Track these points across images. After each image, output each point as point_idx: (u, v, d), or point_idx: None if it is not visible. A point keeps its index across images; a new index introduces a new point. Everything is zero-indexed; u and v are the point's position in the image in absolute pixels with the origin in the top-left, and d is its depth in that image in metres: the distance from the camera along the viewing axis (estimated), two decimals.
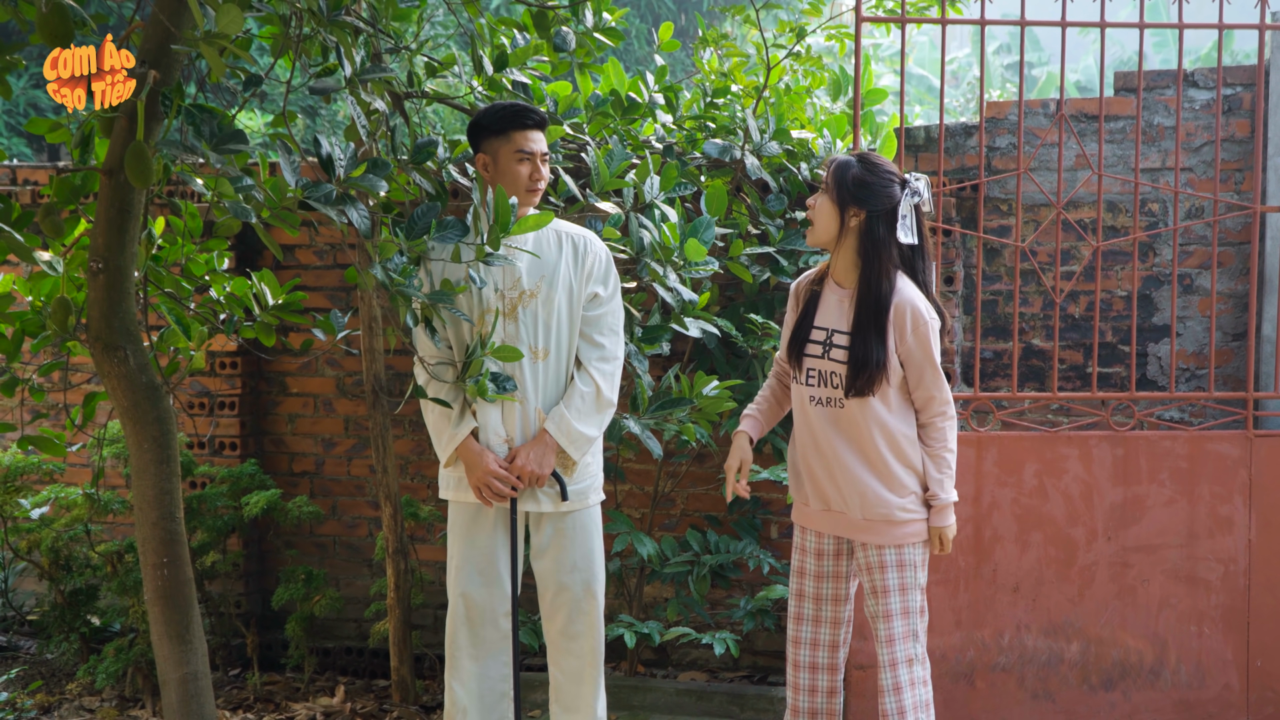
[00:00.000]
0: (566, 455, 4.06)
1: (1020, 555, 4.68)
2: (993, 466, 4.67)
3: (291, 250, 5.95)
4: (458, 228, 3.53)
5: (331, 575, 5.92)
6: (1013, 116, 5.35)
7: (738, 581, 5.46)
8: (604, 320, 4.13)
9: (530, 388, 4.05)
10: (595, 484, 4.20)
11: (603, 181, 4.63)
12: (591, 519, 4.19)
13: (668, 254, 4.30)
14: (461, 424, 4.03)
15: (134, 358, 4.12)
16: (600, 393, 4.07)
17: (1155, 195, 5.24)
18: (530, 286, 4.04)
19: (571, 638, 4.17)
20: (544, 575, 4.17)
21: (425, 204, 3.59)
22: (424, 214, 3.56)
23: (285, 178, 3.45)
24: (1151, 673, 4.70)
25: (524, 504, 4.09)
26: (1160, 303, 5.27)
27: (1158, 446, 4.68)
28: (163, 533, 4.14)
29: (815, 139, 5.18)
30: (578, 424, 4.04)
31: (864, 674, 4.66)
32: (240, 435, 5.91)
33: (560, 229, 4.13)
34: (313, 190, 3.46)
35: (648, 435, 4.48)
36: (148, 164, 3.84)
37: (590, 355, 4.10)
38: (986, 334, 5.34)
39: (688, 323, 4.52)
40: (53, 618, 5.52)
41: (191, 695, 4.14)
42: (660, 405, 4.40)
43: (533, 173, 3.99)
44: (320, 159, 3.49)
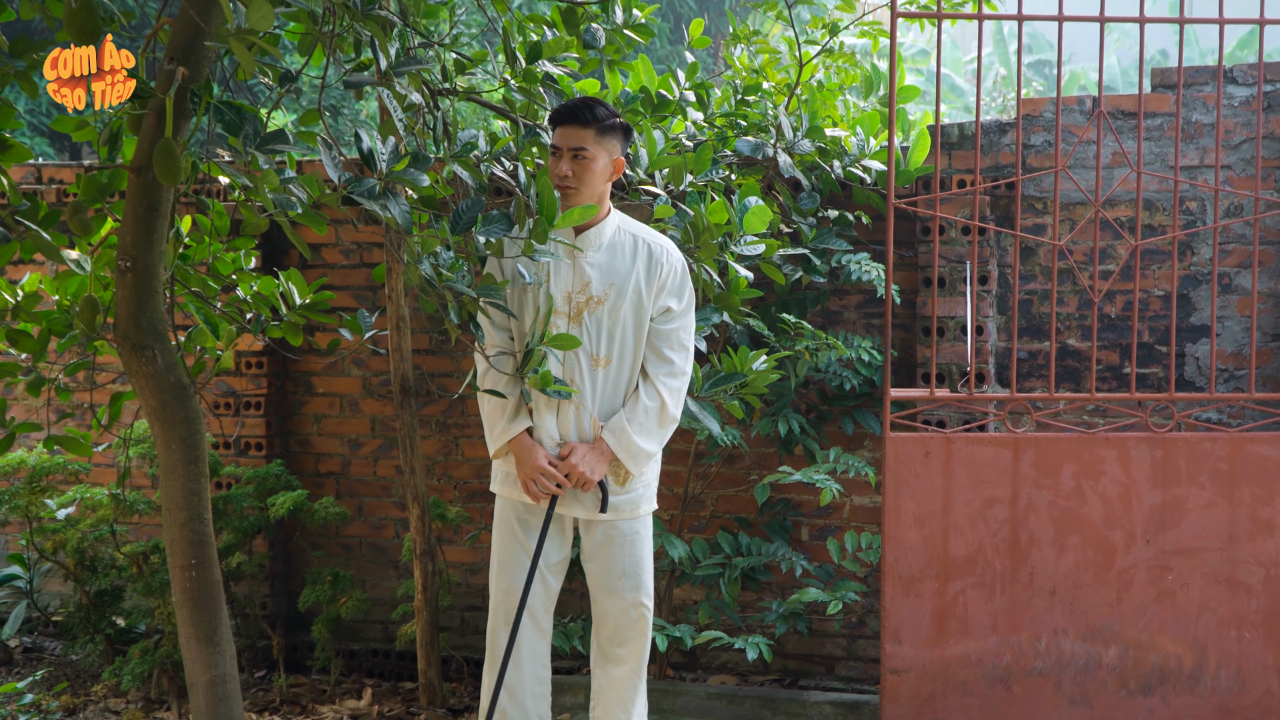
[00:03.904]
0: (620, 465, 3.99)
1: (1057, 558, 4.61)
2: (1030, 468, 4.59)
3: (318, 250, 5.92)
4: (503, 222, 3.49)
5: (358, 577, 5.88)
6: (1048, 114, 5.28)
7: (768, 585, 5.40)
8: (675, 335, 4.02)
9: (589, 394, 3.97)
10: (648, 494, 4.12)
11: (650, 161, 4.55)
12: (643, 528, 4.11)
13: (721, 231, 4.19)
14: (517, 419, 3.97)
15: (162, 357, 4.09)
16: (665, 408, 3.99)
17: (1194, 193, 5.16)
18: (599, 293, 3.94)
19: (620, 643, 4.11)
20: (593, 580, 4.11)
21: (470, 199, 3.55)
22: (469, 208, 3.52)
23: (328, 172, 3.41)
24: (1191, 678, 4.62)
25: (563, 506, 4.03)
26: (1198, 302, 5.19)
27: (1197, 448, 4.61)
28: (191, 534, 4.10)
29: (848, 137, 5.12)
30: (638, 438, 3.96)
31: (899, 678, 4.60)
32: (266, 435, 5.88)
33: (638, 234, 4.02)
34: (355, 185, 3.41)
35: (704, 413, 4.35)
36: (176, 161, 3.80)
37: (659, 370, 4.00)
38: (1021, 334, 5.27)
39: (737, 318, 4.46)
40: (78, 619, 5.50)
41: (220, 698, 4.10)
42: (714, 382, 4.32)
43: (557, 167, 3.90)
44: (362, 153, 3.45)
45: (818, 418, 5.35)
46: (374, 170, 3.45)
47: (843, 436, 5.34)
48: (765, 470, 5.34)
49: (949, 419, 5.10)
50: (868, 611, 5.38)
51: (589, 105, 3.93)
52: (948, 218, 4.81)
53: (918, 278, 5.26)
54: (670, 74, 5.17)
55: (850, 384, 5.11)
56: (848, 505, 5.43)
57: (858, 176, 5.16)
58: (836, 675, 5.44)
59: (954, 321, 5.16)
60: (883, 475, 4.62)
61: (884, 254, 4.86)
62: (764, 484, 5.10)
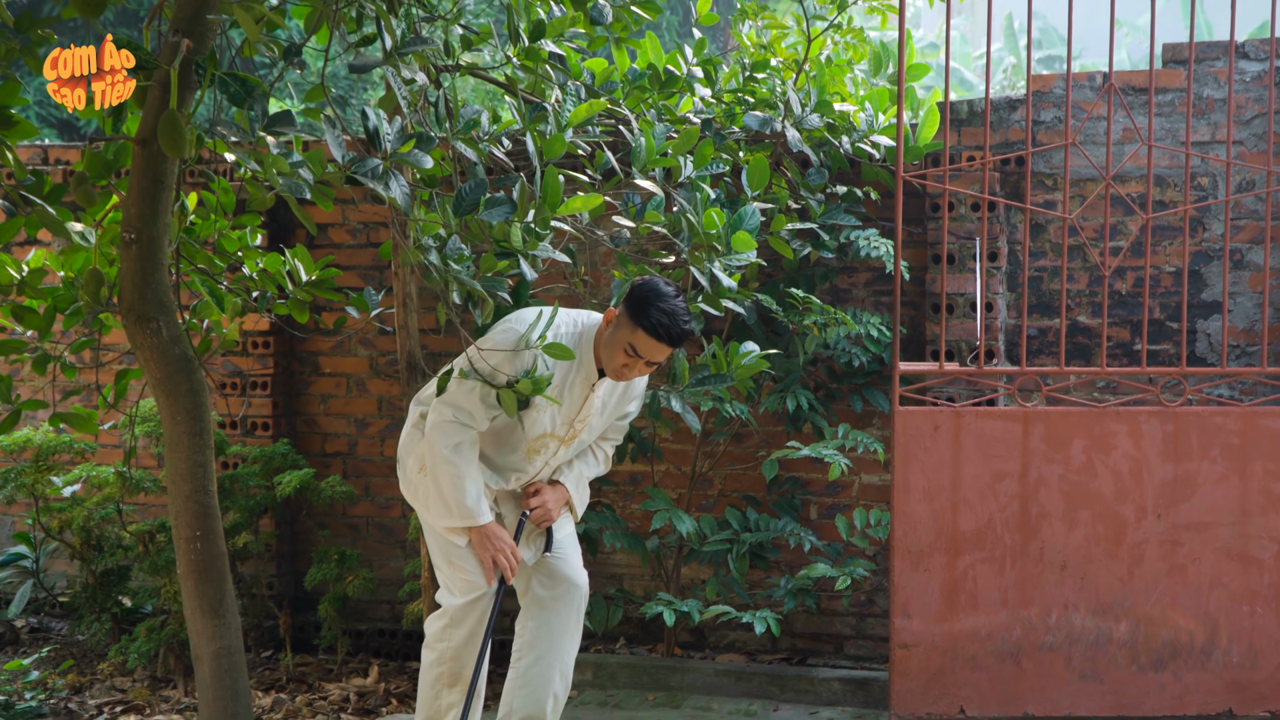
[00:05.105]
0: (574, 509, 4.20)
1: (1068, 533, 4.58)
2: (1040, 442, 4.56)
3: (324, 230, 5.90)
4: (506, 204, 3.47)
5: (365, 557, 5.86)
6: (1057, 90, 5.24)
7: (776, 563, 5.37)
8: (624, 424, 4.29)
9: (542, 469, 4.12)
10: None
11: (645, 158, 4.52)
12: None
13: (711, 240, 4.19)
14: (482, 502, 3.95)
15: (167, 329, 4.07)
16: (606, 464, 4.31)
17: (1205, 169, 5.13)
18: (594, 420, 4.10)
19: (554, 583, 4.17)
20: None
21: (474, 180, 3.52)
22: (473, 190, 3.49)
23: (332, 152, 3.39)
24: (1203, 653, 4.59)
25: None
26: (1209, 279, 5.15)
27: (1209, 422, 4.57)
28: (196, 506, 4.08)
29: (857, 112, 5.09)
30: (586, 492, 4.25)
31: (908, 653, 4.57)
32: (273, 415, 5.86)
33: None
34: (359, 165, 3.39)
35: (687, 411, 4.40)
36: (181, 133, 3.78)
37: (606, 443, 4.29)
38: (1031, 311, 5.24)
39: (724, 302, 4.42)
40: (84, 598, 5.48)
41: (225, 670, 4.08)
42: (699, 380, 4.31)
43: (630, 367, 3.88)
44: (367, 132, 3.41)
45: (826, 396, 5.32)
46: (378, 150, 3.42)
47: (851, 415, 5.31)
48: (774, 449, 5.31)
49: (958, 396, 5.07)
50: (876, 590, 5.35)
51: (688, 334, 3.90)
52: (959, 190, 4.78)
53: (926, 255, 5.23)
54: (678, 50, 5.14)
55: (859, 361, 5.08)
56: (856, 484, 5.41)
57: (866, 153, 5.13)
58: (845, 654, 5.41)
59: (963, 298, 5.13)
60: (892, 450, 4.60)
61: (892, 230, 4.83)
62: (772, 459, 5.07)
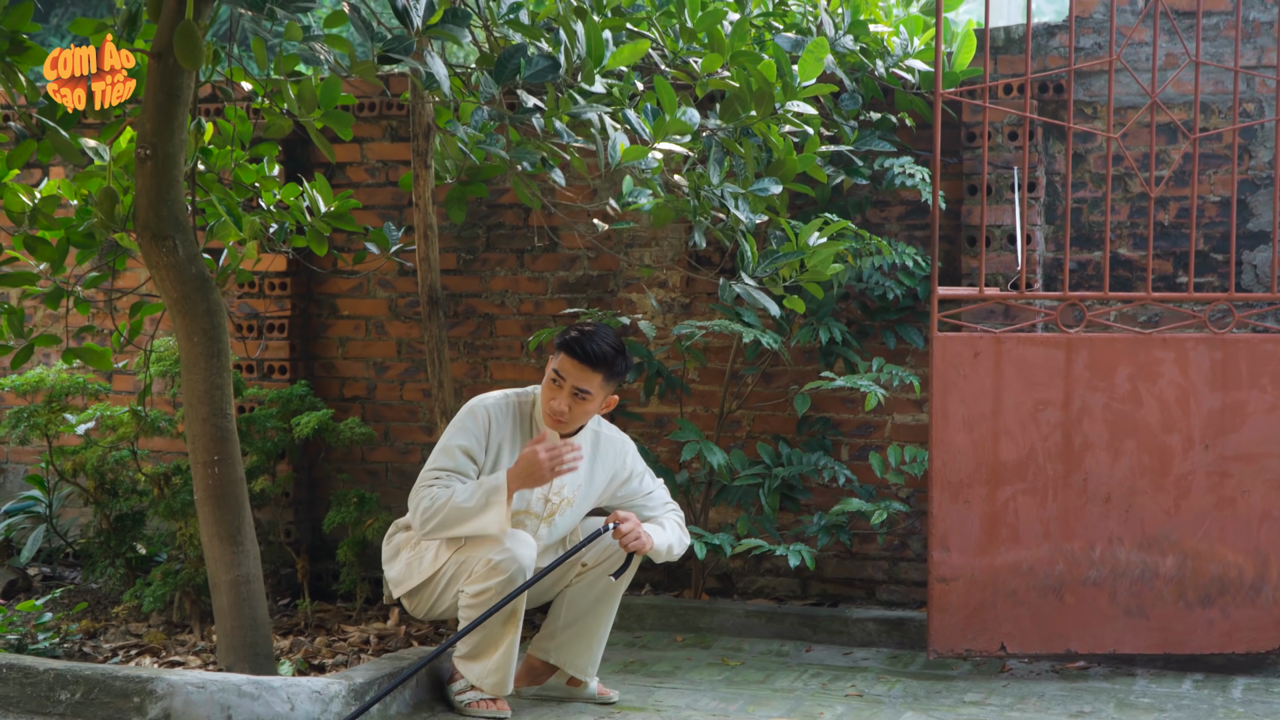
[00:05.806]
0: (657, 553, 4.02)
1: (1112, 464, 4.43)
2: (1083, 370, 4.41)
3: (342, 168, 5.77)
4: (551, 66, 3.32)
5: (384, 502, 5.73)
6: (1098, 15, 5.08)
7: (807, 505, 5.21)
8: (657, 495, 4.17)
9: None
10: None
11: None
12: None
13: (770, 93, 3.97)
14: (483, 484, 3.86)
15: (183, 248, 3.96)
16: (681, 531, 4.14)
17: (1250, 94, 4.96)
18: (570, 494, 4.03)
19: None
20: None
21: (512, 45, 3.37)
22: (511, 54, 3.34)
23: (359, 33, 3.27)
24: (1252, 589, 4.44)
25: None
26: (1256, 208, 4.99)
27: (1259, 349, 4.42)
28: (213, 429, 3.97)
29: (891, 35, 4.94)
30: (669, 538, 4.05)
31: (946, 587, 4.42)
32: (290, 359, 5.74)
33: (601, 432, 4.09)
34: (392, 44, 3.26)
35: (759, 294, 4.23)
36: (197, 44, 3.67)
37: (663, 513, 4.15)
38: (1071, 244, 5.08)
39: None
40: (98, 544, 5.36)
41: (244, 599, 3.96)
42: (771, 259, 4.15)
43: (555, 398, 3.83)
44: (395, 9, 3.28)
45: (859, 331, 5.17)
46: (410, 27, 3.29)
47: (885, 351, 5.15)
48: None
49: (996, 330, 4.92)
50: (909, 533, 5.20)
51: (606, 354, 3.81)
52: (1000, 109, 4.64)
53: (962, 186, 5.08)
54: None
55: (893, 294, 4.94)
56: (889, 423, 5.25)
57: (900, 80, 4.98)
58: (877, 599, 5.26)
59: (1000, 230, 4.98)
60: (929, 382, 4.45)
61: (928, 160, 4.68)
62: (804, 393, 4.93)
